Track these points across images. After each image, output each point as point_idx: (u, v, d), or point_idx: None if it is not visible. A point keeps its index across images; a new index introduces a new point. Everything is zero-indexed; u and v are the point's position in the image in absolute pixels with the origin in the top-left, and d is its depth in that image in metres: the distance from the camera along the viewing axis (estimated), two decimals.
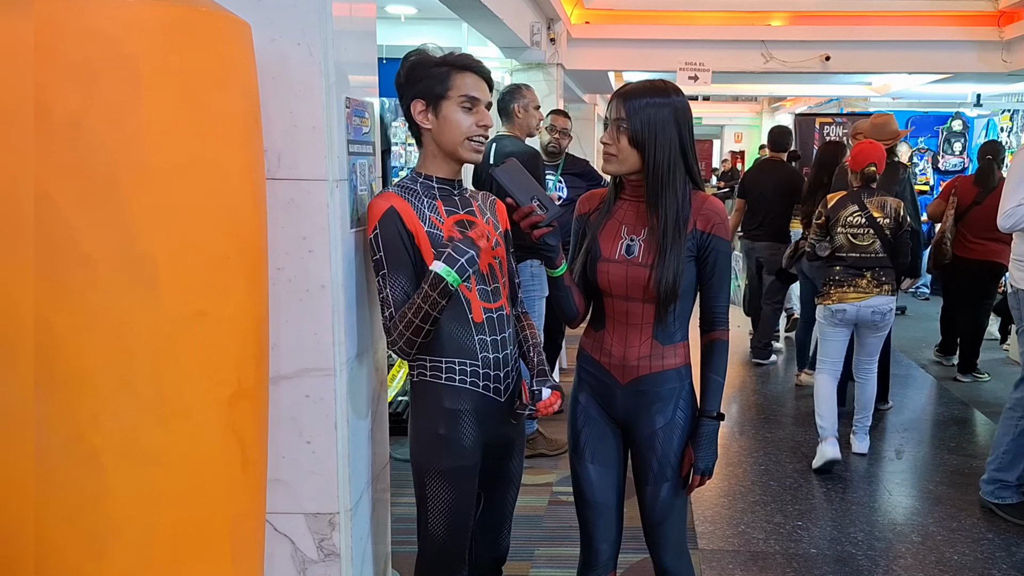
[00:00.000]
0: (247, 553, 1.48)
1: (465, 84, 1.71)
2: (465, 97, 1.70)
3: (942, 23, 7.51)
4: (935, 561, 2.90)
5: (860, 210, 3.64)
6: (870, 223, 3.62)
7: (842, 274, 3.67)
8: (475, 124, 1.72)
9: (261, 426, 1.51)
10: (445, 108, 1.71)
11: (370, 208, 1.71)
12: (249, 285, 1.42)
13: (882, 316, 3.65)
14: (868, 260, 3.63)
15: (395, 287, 1.68)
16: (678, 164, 1.70)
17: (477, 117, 1.72)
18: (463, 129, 1.71)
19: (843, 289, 3.66)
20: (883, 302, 3.63)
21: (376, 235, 1.68)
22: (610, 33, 7.78)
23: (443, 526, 1.77)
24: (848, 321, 3.68)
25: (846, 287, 3.65)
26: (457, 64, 1.72)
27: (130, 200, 1.20)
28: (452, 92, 1.70)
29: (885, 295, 3.63)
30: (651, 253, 1.72)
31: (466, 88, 1.71)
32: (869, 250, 3.63)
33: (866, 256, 3.63)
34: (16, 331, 1.16)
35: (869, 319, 3.66)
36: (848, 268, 3.65)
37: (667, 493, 1.81)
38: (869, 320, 3.66)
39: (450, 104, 1.70)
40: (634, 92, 1.70)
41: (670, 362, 1.79)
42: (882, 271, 3.63)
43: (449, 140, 1.72)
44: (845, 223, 3.66)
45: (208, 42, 1.30)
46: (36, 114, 1.13)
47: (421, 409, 1.77)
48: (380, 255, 1.68)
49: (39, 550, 1.21)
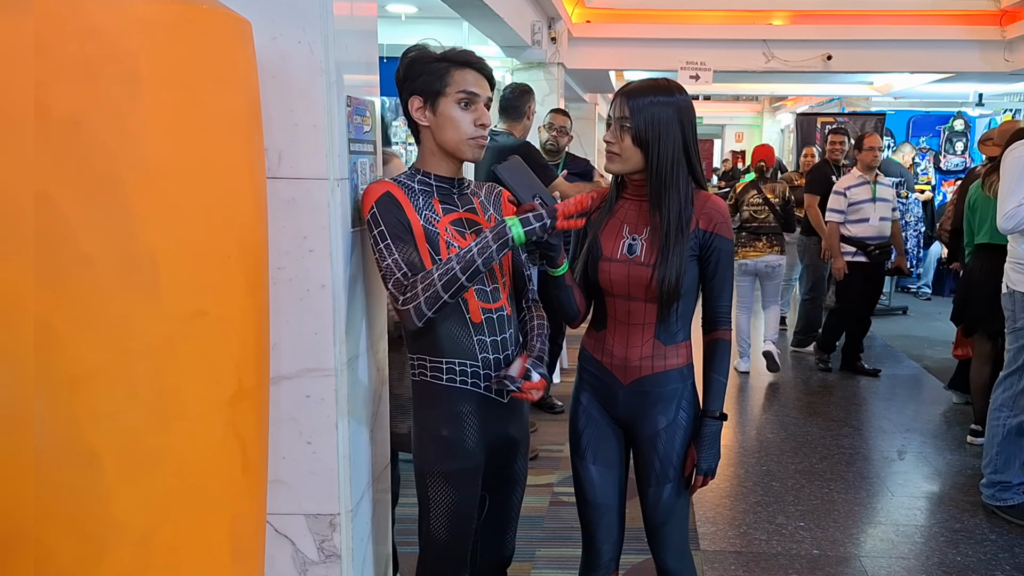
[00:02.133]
0: (247, 554, 1.47)
1: (464, 80, 1.68)
2: (464, 93, 1.67)
3: (944, 22, 7.50)
4: (938, 562, 2.89)
5: (758, 193, 5.25)
6: (765, 203, 5.21)
7: (746, 239, 5.26)
8: (473, 122, 1.68)
9: (262, 426, 1.50)
10: (443, 105, 1.68)
11: (366, 192, 1.68)
12: (250, 285, 1.41)
13: (773, 269, 5.28)
14: (763, 229, 5.21)
15: (403, 252, 1.62)
16: (681, 163, 1.69)
17: (476, 114, 1.69)
18: (462, 128, 1.68)
19: (746, 249, 5.24)
20: (774, 259, 5.25)
21: (373, 213, 1.64)
22: (611, 32, 7.78)
23: (445, 528, 1.76)
24: (750, 271, 5.32)
25: (748, 247, 5.24)
26: (456, 60, 1.69)
27: (130, 199, 1.20)
28: (450, 88, 1.67)
29: (775, 254, 5.23)
30: (653, 252, 1.71)
31: (465, 84, 1.67)
32: (764, 222, 5.20)
33: (762, 226, 5.21)
34: (16, 331, 1.15)
35: (764, 270, 5.28)
36: (750, 234, 5.24)
37: (669, 494, 1.80)
38: (764, 271, 5.28)
39: (448, 101, 1.67)
40: (637, 91, 1.69)
41: (672, 362, 1.78)
42: (774, 236, 5.22)
43: (448, 138, 1.69)
44: (748, 203, 5.26)
45: (209, 40, 1.29)
46: (36, 113, 1.12)
47: (423, 410, 1.75)
48: (379, 229, 1.63)
49: (39, 551, 1.20)
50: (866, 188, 5.09)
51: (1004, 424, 3.22)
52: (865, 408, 4.74)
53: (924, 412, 4.73)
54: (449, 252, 1.67)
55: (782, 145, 17.04)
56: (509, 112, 3.80)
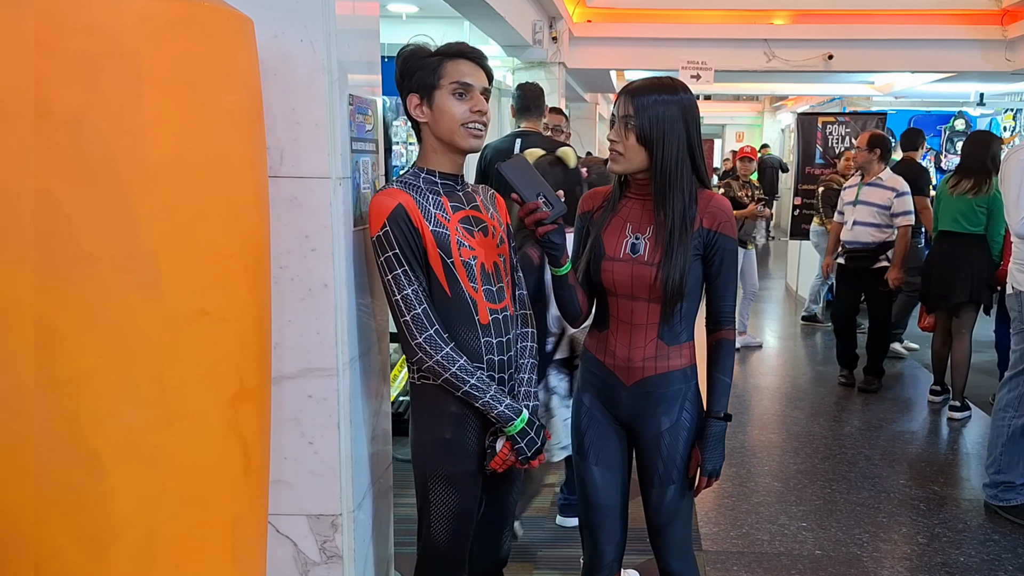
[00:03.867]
0: (249, 555, 1.47)
1: (458, 71, 1.66)
2: (457, 84, 1.65)
3: (945, 22, 7.50)
4: (941, 563, 2.88)
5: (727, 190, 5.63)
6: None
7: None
8: (469, 110, 1.66)
9: (263, 427, 1.49)
10: (438, 98, 1.65)
11: (374, 205, 1.64)
12: (251, 284, 1.41)
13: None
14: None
15: (419, 284, 1.63)
16: (685, 162, 1.68)
17: (471, 103, 1.66)
18: (456, 117, 1.66)
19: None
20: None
21: (386, 232, 1.61)
22: (612, 32, 7.77)
23: (446, 531, 1.75)
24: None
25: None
26: (449, 52, 1.67)
27: (132, 198, 1.19)
28: (444, 80, 1.65)
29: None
30: (657, 252, 1.70)
31: (459, 75, 1.65)
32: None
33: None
34: (16, 331, 1.14)
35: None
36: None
37: (673, 495, 1.79)
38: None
39: (442, 93, 1.65)
40: (642, 89, 1.68)
41: (675, 363, 1.77)
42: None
43: (444, 129, 1.67)
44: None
45: (210, 38, 1.28)
46: (37, 111, 1.11)
47: (424, 412, 1.74)
48: (393, 252, 1.62)
49: (39, 552, 1.19)
50: (853, 190, 4.90)
51: (1009, 424, 3.21)
52: (867, 408, 4.73)
53: (925, 411, 4.72)
54: (460, 252, 1.67)
55: (783, 145, 17.03)
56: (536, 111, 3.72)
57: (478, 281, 1.70)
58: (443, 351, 1.63)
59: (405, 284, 1.62)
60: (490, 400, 1.66)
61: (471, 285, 1.68)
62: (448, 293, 1.67)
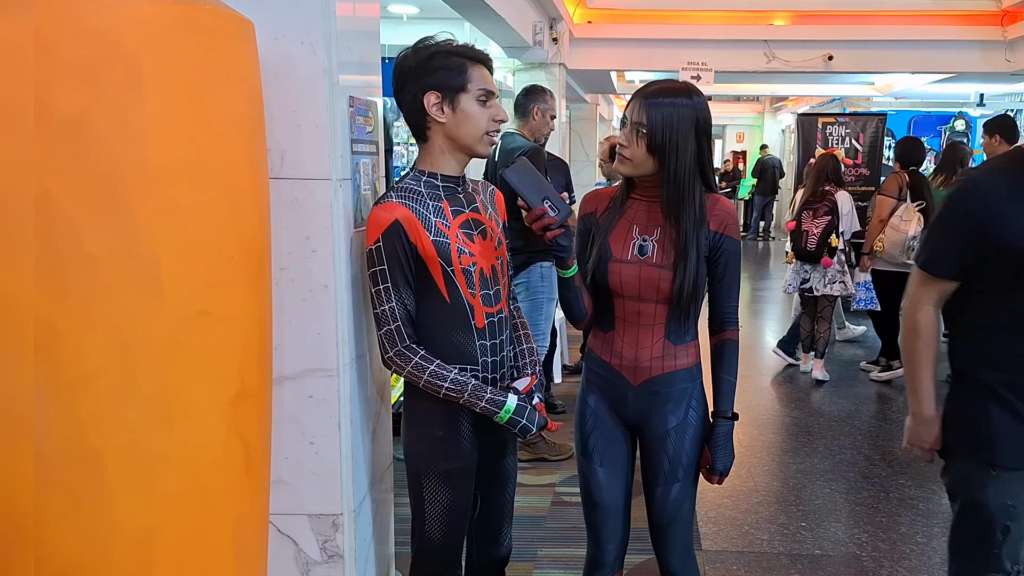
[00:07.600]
0: (250, 555, 1.47)
1: (483, 77, 1.68)
2: (483, 91, 1.67)
3: (945, 23, 7.49)
4: (940, 563, 2.88)
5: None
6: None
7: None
8: (491, 119, 1.69)
9: (264, 427, 1.50)
10: (464, 101, 1.65)
11: (372, 218, 1.64)
12: (252, 285, 1.41)
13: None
14: None
15: (398, 302, 1.65)
16: (696, 172, 1.68)
17: (493, 111, 1.69)
18: (481, 124, 1.68)
19: None
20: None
21: (378, 247, 1.62)
22: (612, 33, 7.76)
23: (441, 529, 1.76)
24: None
25: None
26: (472, 57, 1.68)
27: (133, 199, 1.20)
28: (471, 85, 1.65)
29: None
30: (666, 255, 1.70)
31: (484, 82, 1.67)
32: None
33: None
34: (18, 331, 1.15)
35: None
36: None
37: (677, 494, 1.80)
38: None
39: (469, 97, 1.66)
40: (656, 94, 1.67)
41: (682, 362, 1.78)
42: None
43: (465, 134, 1.68)
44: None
45: (211, 40, 1.29)
46: (38, 113, 1.12)
47: (418, 412, 1.75)
48: (380, 268, 1.63)
49: (40, 552, 1.20)
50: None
51: None
52: (867, 408, 4.74)
53: None
54: (460, 260, 1.68)
55: (783, 146, 17.03)
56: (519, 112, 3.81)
57: (476, 287, 1.71)
58: (412, 362, 1.65)
59: (384, 300, 1.64)
60: (469, 398, 1.67)
61: (469, 292, 1.69)
62: (447, 300, 1.68)
